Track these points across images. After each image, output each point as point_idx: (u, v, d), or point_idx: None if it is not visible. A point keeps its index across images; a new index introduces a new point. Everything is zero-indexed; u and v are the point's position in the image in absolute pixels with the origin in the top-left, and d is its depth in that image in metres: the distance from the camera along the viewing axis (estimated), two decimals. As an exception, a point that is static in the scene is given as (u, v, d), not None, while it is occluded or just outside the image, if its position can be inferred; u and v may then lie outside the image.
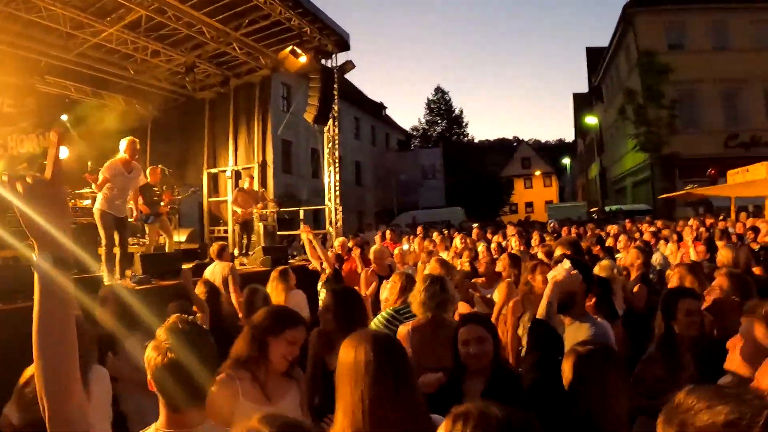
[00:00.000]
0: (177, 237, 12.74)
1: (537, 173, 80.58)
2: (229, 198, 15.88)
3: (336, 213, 18.27)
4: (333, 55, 17.78)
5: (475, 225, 19.80)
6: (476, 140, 75.74)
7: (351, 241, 13.91)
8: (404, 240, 14.79)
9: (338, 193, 18.41)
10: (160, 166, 12.76)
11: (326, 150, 18.61)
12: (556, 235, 14.27)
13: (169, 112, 20.17)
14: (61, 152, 1.69)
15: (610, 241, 12.09)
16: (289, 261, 13.56)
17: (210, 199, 18.27)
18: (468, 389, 3.42)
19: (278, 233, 17.61)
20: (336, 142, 18.58)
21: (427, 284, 4.46)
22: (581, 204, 47.57)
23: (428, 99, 61.85)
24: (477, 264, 8.68)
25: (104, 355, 4.85)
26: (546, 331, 3.19)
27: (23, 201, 1.61)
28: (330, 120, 17.97)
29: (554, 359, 2.96)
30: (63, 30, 14.16)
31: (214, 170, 18.94)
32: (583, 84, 74.82)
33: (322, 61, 17.38)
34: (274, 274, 7.34)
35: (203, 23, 14.86)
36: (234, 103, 18.78)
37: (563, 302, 3.70)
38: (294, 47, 15.47)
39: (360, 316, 4.55)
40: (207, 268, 9.60)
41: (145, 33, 15.15)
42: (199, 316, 5.66)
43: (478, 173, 53.63)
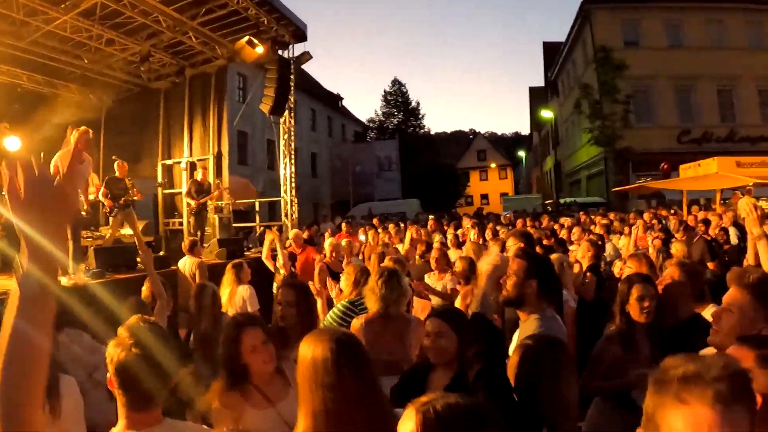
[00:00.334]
0: (124, 230, 12.62)
1: (493, 165, 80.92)
2: (184, 190, 15.74)
3: (291, 205, 18.22)
4: (290, 46, 17.72)
5: (431, 216, 19.87)
6: (432, 132, 75.63)
7: (306, 232, 13.93)
8: (360, 232, 14.80)
9: (294, 185, 18.36)
10: (114, 158, 12.63)
11: (282, 142, 18.55)
12: (511, 227, 14.41)
13: (124, 103, 19.87)
14: (12, 143, 1.62)
15: (564, 233, 12.26)
16: (245, 253, 13.53)
17: (165, 191, 18.07)
18: (433, 382, 3.47)
19: (234, 225, 17.47)
20: (292, 134, 18.53)
21: (385, 278, 4.48)
22: (536, 196, 47.93)
23: (385, 91, 61.56)
24: (428, 257, 8.75)
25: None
26: (482, 323, 3.19)
27: (24, 199, 1.37)
28: (286, 111, 17.90)
29: (493, 351, 2.99)
30: (16, 17, 13.74)
31: (169, 162, 18.68)
32: (540, 78, 75.65)
33: (279, 52, 17.30)
34: (228, 267, 7.36)
35: (159, 12, 14.64)
36: (189, 94, 18.54)
37: (515, 298, 3.78)
38: (251, 37, 15.39)
39: (316, 313, 4.66)
40: (180, 261, 9.81)
41: (100, 21, 14.82)
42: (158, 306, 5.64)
43: (434, 165, 53.58)
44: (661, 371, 1.55)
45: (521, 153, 79.25)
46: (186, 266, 9.47)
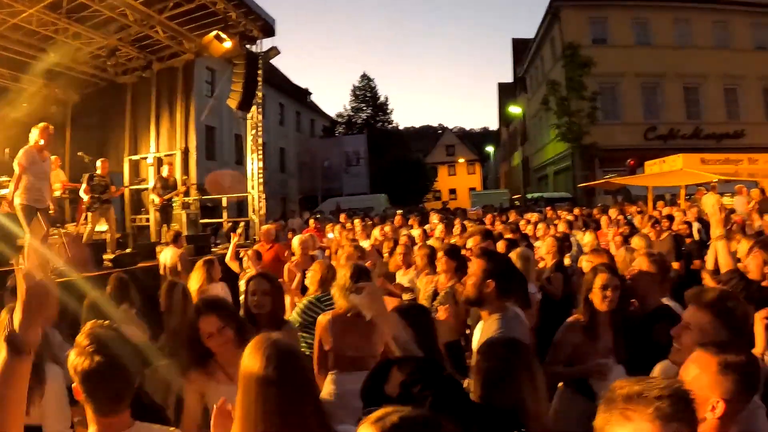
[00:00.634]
0: (99, 226, 12.53)
1: (461, 160, 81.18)
2: (150, 186, 15.64)
3: (259, 200, 18.17)
4: (258, 41, 17.62)
5: (399, 212, 19.90)
6: (401, 127, 75.59)
7: (273, 225, 13.92)
8: (328, 229, 14.82)
9: (261, 181, 18.28)
10: (80, 153, 12.53)
11: (249, 137, 18.47)
12: (480, 222, 14.52)
13: (90, 97, 19.53)
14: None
15: (530, 229, 12.38)
16: (212, 249, 13.49)
17: (131, 187, 17.88)
18: (394, 376, 3.51)
19: (201, 221, 17.38)
20: (260, 129, 18.44)
21: (354, 273, 4.52)
22: (504, 191, 48.22)
23: (354, 86, 61.45)
24: (395, 253, 8.78)
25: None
26: (414, 365, 2.76)
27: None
28: (254, 106, 17.83)
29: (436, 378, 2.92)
30: (-21, 10, 13.51)
31: (136, 157, 18.47)
32: (509, 74, 75.87)
33: (247, 47, 17.20)
34: (199, 264, 7.33)
35: (126, 5, 14.41)
36: (156, 88, 18.35)
37: (475, 298, 3.86)
38: (219, 32, 15.31)
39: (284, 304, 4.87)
40: (161, 254, 10.04)
41: (67, 14, 14.54)
42: None
43: (403, 160, 53.63)
44: (610, 390, 1.70)
45: (489, 148, 79.64)
46: (168, 258, 9.51)
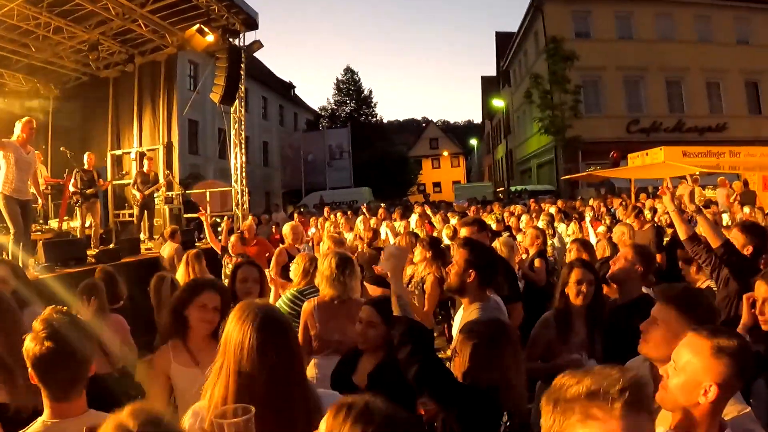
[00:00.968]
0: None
1: (445, 154, 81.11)
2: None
3: (242, 194, 18.14)
4: (241, 34, 17.61)
5: (382, 205, 19.91)
6: (385, 121, 75.63)
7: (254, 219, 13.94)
8: (312, 222, 14.80)
9: (244, 174, 18.27)
10: (62, 148, 12.47)
11: (233, 131, 18.43)
12: (464, 215, 14.59)
13: (72, 92, 19.48)
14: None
15: (514, 221, 12.48)
16: (196, 244, 13.45)
17: (114, 182, 17.78)
18: (361, 367, 3.56)
19: (184, 216, 17.35)
20: (243, 123, 18.45)
21: (339, 261, 4.54)
22: (488, 184, 48.39)
23: (337, 79, 61.26)
24: (375, 244, 8.85)
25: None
26: (406, 326, 2.98)
27: None
28: (237, 100, 17.78)
29: (426, 347, 2.98)
30: (-40, 5, 13.36)
31: (119, 152, 18.45)
32: (492, 67, 75.95)
33: (230, 41, 17.15)
34: (186, 257, 7.33)
35: (108, -1, 14.39)
36: (139, 82, 18.32)
37: (456, 286, 3.89)
38: (201, 26, 15.27)
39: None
40: (162, 248, 10.31)
41: (48, 8, 14.49)
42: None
43: (386, 153, 53.56)
44: (557, 391, 1.60)
45: (473, 141, 79.78)
46: (166, 252, 9.88)
